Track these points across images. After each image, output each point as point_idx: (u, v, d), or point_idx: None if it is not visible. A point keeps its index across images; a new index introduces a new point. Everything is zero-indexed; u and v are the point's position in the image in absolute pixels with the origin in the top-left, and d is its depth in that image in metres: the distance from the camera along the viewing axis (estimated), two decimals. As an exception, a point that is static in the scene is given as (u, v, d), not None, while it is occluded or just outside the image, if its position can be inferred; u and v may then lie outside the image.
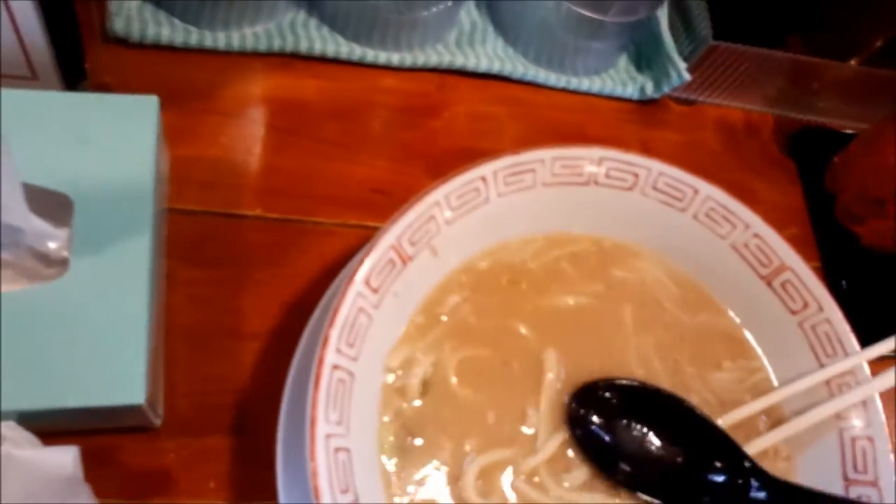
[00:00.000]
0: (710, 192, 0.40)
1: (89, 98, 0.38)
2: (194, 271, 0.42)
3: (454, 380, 0.37)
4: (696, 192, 0.40)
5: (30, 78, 0.41)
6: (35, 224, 0.34)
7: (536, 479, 0.35)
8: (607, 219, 0.41)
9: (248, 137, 0.46)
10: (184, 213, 0.44)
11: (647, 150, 0.53)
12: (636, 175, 0.40)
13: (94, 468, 0.35)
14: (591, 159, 0.40)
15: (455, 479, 0.34)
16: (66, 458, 0.33)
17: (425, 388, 0.36)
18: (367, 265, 0.34)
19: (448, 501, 0.34)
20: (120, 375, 0.34)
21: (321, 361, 0.32)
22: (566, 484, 0.35)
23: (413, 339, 0.37)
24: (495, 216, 0.39)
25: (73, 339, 0.34)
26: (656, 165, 0.40)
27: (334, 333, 0.33)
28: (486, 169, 0.38)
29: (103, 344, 0.34)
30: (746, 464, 0.35)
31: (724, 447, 0.36)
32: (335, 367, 0.32)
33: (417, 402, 0.36)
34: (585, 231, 0.42)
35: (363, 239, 0.44)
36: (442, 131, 0.50)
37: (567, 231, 0.41)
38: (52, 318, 0.34)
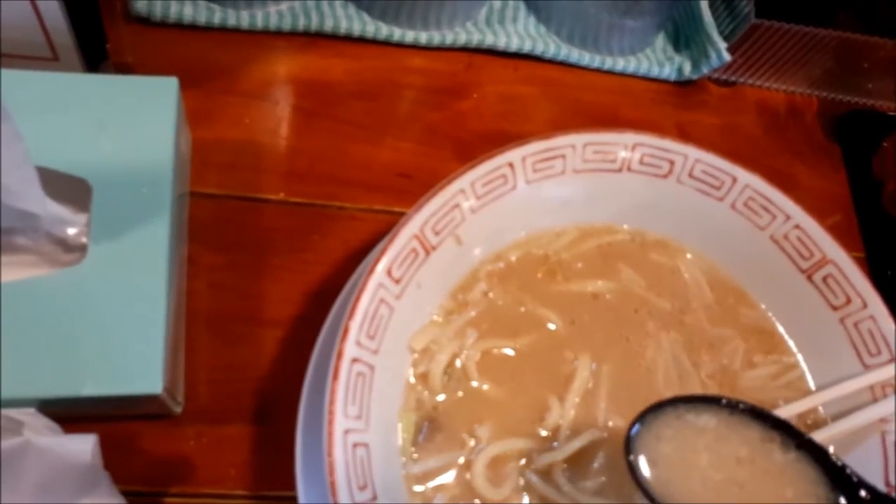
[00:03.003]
0: (750, 181, 0.38)
1: (108, 80, 0.37)
2: (215, 256, 0.42)
3: (476, 371, 0.36)
4: (734, 180, 0.38)
5: (51, 59, 0.40)
6: (53, 210, 0.33)
7: (550, 475, 0.33)
8: (641, 207, 0.40)
9: (271, 119, 0.45)
10: (205, 197, 0.43)
11: (683, 134, 0.51)
12: (672, 162, 0.38)
13: (114, 455, 0.34)
14: (625, 145, 0.38)
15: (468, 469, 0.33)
16: (85, 446, 0.32)
17: (447, 377, 0.35)
18: (389, 255, 0.33)
19: (462, 491, 0.33)
20: (137, 364, 0.33)
21: (340, 355, 0.31)
22: (580, 485, 0.33)
23: (438, 325, 0.36)
24: (523, 204, 0.37)
25: (91, 326, 0.33)
26: (693, 152, 0.38)
27: (354, 325, 0.32)
28: (514, 155, 0.36)
29: (121, 332, 0.33)
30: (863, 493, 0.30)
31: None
32: (355, 360, 0.32)
33: (439, 393, 0.35)
34: (618, 220, 0.40)
35: (387, 224, 0.43)
36: (470, 113, 0.49)
37: (599, 221, 0.40)
38: (69, 305, 0.33)
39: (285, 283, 0.42)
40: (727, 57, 0.50)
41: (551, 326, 0.37)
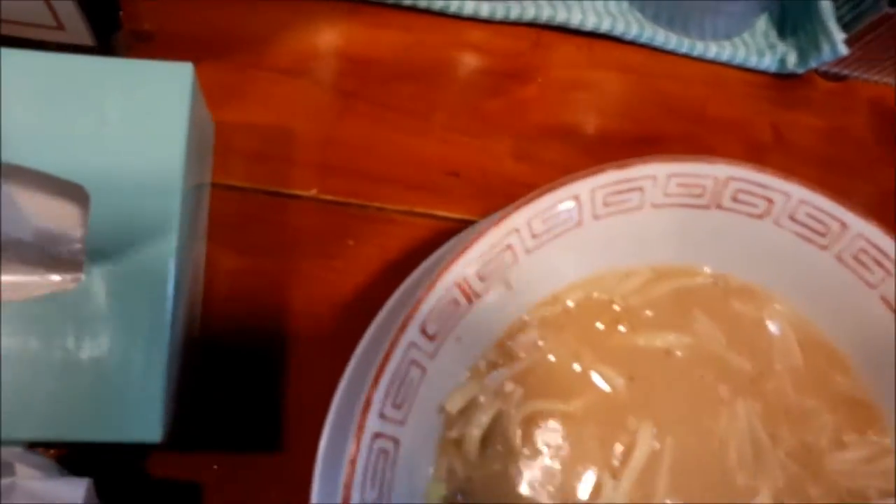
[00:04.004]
0: (864, 230, 0.32)
1: (111, 64, 0.32)
2: (237, 259, 0.37)
3: (519, 437, 0.31)
4: (844, 226, 0.32)
5: (55, 27, 0.35)
6: (43, 228, 0.29)
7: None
8: (728, 250, 0.34)
9: (306, 100, 0.40)
10: (228, 189, 0.38)
11: (779, 136, 0.44)
12: (770, 201, 0.32)
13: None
14: (716, 178, 0.32)
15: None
16: (77, 490, 0.29)
17: (485, 442, 0.31)
18: (424, 309, 0.28)
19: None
20: (135, 408, 0.29)
21: (360, 429, 0.27)
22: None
23: (478, 378, 0.31)
24: (589, 242, 0.32)
25: (84, 361, 0.29)
26: (797, 191, 0.32)
27: (378, 396, 0.27)
28: (582, 187, 0.30)
29: (117, 369, 0.29)
30: None
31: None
32: (377, 434, 0.27)
33: (475, 461, 0.30)
34: (699, 261, 0.34)
35: (431, 230, 0.38)
36: (533, 101, 0.42)
37: (677, 261, 0.34)
38: (60, 336, 0.29)
39: (312, 294, 0.38)
40: (843, 51, 0.42)
41: (610, 387, 0.32)
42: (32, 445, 0.31)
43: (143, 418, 0.29)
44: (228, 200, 0.38)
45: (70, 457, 0.33)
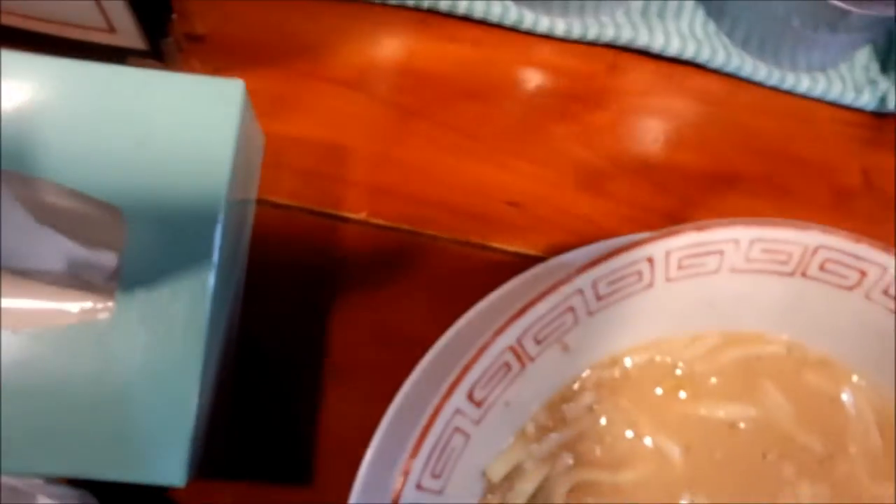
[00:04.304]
0: (968, 314, 0.29)
1: (157, 78, 0.30)
2: (277, 281, 0.35)
3: (565, 505, 0.29)
4: (945, 307, 0.29)
5: (106, 30, 0.33)
6: (77, 253, 0.27)
7: None
8: (807, 319, 0.31)
9: (363, 116, 0.37)
10: (274, 207, 0.36)
11: (869, 182, 0.40)
12: (863, 273, 0.29)
13: None
14: (805, 246, 0.29)
15: None
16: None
17: (528, 510, 0.29)
18: (473, 375, 0.26)
19: None
20: (159, 449, 0.28)
21: (396, 503, 0.25)
22: None
23: (524, 442, 0.29)
24: (657, 304, 0.29)
25: (109, 395, 0.28)
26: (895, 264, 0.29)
27: (417, 466, 0.25)
28: (657, 248, 0.28)
29: (143, 407, 0.28)
30: None
31: None
32: (412, 506, 0.25)
33: (515, 531, 0.28)
34: (774, 329, 0.31)
35: (484, 264, 0.36)
36: (606, 128, 0.39)
37: (750, 327, 0.31)
38: (86, 367, 0.28)
39: (355, 324, 0.36)
40: (954, 95, 0.38)
41: (665, 458, 0.30)
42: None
43: (167, 460, 0.28)
44: (274, 219, 0.36)
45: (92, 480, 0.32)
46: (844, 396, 0.31)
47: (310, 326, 0.35)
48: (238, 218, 0.32)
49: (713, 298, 0.30)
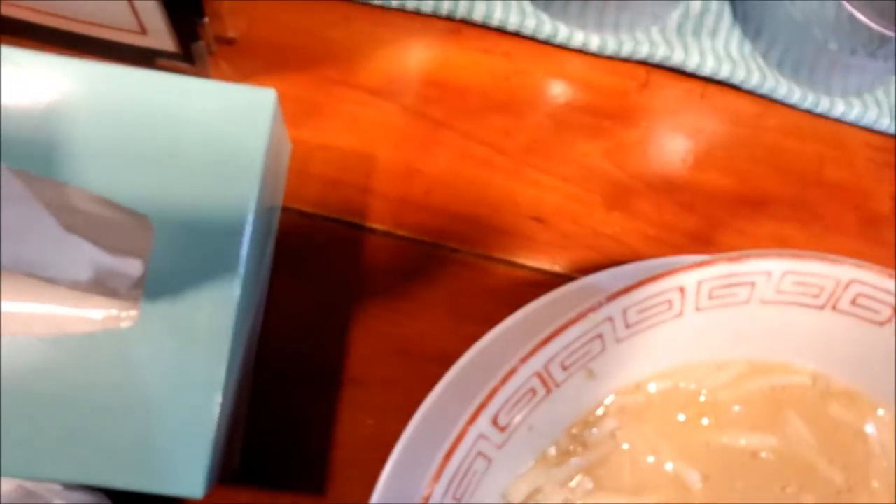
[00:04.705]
0: None
1: (188, 84, 0.30)
2: (299, 291, 0.35)
3: (582, 532, 0.29)
4: (977, 346, 0.28)
5: (138, 32, 0.33)
6: (104, 261, 0.27)
7: None
8: (835, 351, 0.30)
9: (392, 126, 0.37)
10: (298, 216, 0.36)
11: (900, 209, 0.40)
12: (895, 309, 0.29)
13: None
14: (837, 280, 0.28)
15: None
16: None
17: (545, 534, 0.28)
18: (498, 400, 0.26)
19: None
20: (178, 460, 0.27)
21: (416, 525, 0.25)
22: None
23: (545, 465, 0.29)
24: (685, 333, 0.29)
25: (129, 404, 0.28)
26: (929, 302, 0.28)
27: (439, 490, 0.25)
28: (688, 278, 0.27)
29: (164, 417, 0.28)
30: None
31: None
32: (433, 530, 0.25)
33: (531, 555, 0.28)
34: (800, 359, 0.31)
35: (507, 279, 0.36)
36: (635, 147, 0.39)
37: (776, 357, 0.31)
38: (107, 375, 0.28)
39: (374, 336, 0.35)
40: None
41: (685, 485, 0.29)
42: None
43: (186, 471, 0.27)
44: (298, 227, 0.36)
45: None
46: (869, 430, 0.31)
47: (329, 336, 0.35)
48: (264, 226, 0.32)
49: (741, 328, 0.30)
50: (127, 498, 0.31)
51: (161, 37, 0.33)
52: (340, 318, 0.35)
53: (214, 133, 0.29)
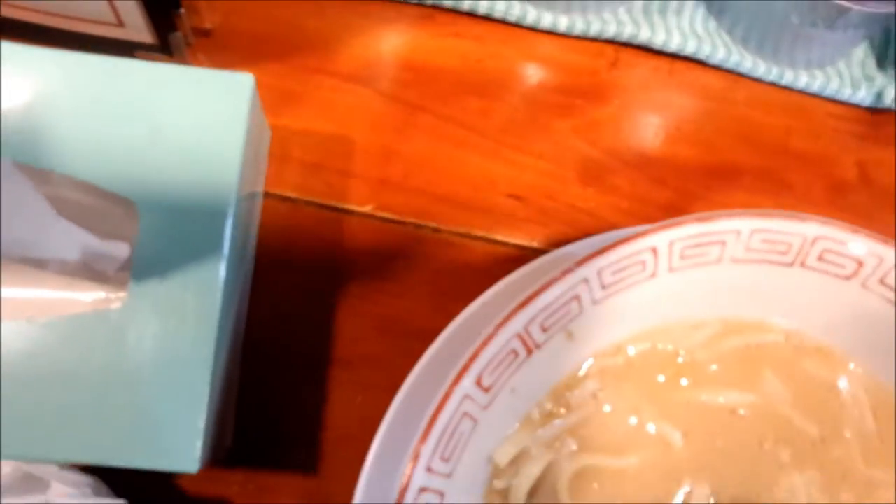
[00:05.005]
0: (962, 302, 0.29)
1: (168, 71, 0.30)
2: (283, 274, 0.36)
3: (567, 489, 0.29)
4: (940, 296, 0.30)
5: (115, 24, 0.33)
6: (92, 244, 0.28)
7: None
8: (806, 308, 0.31)
9: (369, 110, 0.38)
10: (280, 200, 0.37)
11: (865, 176, 0.41)
12: (861, 263, 0.30)
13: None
14: (804, 236, 0.29)
15: None
16: (109, 511, 0.28)
17: (531, 494, 0.29)
18: (481, 361, 0.26)
19: None
20: (173, 436, 0.28)
21: (406, 484, 0.25)
22: None
23: (530, 428, 0.30)
24: (659, 294, 0.30)
25: (122, 383, 0.28)
26: (892, 254, 0.29)
27: (426, 450, 0.26)
28: (660, 239, 0.28)
29: (157, 394, 0.28)
30: None
31: None
32: (423, 489, 0.26)
33: (519, 514, 0.29)
34: (773, 317, 0.32)
35: (487, 256, 0.37)
36: (607, 123, 0.40)
37: (750, 315, 0.32)
38: (98, 355, 0.28)
39: (359, 316, 0.36)
40: (950, 90, 0.39)
41: (667, 443, 0.30)
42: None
43: (181, 447, 0.28)
44: (280, 212, 0.36)
45: (104, 469, 0.32)
46: (841, 383, 0.32)
47: (315, 317, 0.36)
48: (247, 210, 0.33)
49: (715, 288, 0.31)
50: (123, 479, 0.32)
51: (138, 29, 0.34)
52: (325, 300, 0.36)
53: (196, 118, 0.30)
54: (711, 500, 0.30)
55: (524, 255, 0.37)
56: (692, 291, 0.30)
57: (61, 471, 0.29)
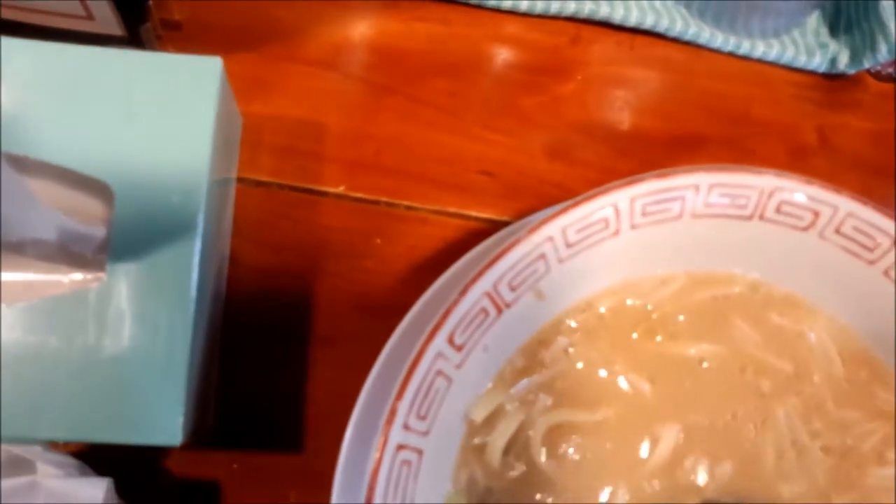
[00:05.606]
0: (916, 246, 0.30)
1: (138, 57, 0.31)
2: (261, 256, 0.37)
3: (543, 446, 0.30)
4: (893, 241, 0.31)
5: (84, 17, 0.34)
6: (68, 226, 0.28)
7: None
8: (769, 260, 0.32)
9: (338, 94, 0.39)
10: (254, 185, 0.37)
11: (824, 139, 0.42)
12: (816, 213, 0.31)
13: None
14: (761, 189, 0.30)
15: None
16: (96, 491, 0.29)
17: (507, 450, 0.30)
18: (452, 319, 0.27)
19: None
20: (155, 411, 0.29)
21: (384, 440, 0.26)
22: None
23: (504, 385, 0.30)
24: (624, 250, 0.31)
25: (102, 361, 0.29)
26: (845, 203, 0.30)
27: (402, 407, 0.26)
28: (621, 196, 0.29)
29: (137, 371, 0.29)
30: None
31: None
32: (400, 446, 0.27)
33: (496, 470, 0.30)
34: (739, 269, 0.33)
35: (461, 231, 0.38)
36: (571, 98, 0.41)
37: (717, 268, 0.33)
38: (78, 335, 0.29)
39: (337, 294, 0.37)
40: (899, 52, 0.40)
41: (638, 393, 0.31)
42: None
43: (163, 421, 0.29)
44: (254, 196, 0.37)
45: (89, 453, 0.33)
46: (808, 332, 0.33)
47: (295, 298, 0.36)
48: (220, 194, 0.33)
49: (679, 243, 0.32)
50: (109, 463, 0.32)
51: (108, 22, 0.34)
52: (304, 281, 0.37)
53: (166, 102, 0.31)
54: (680, 437, 0.31)
55: (496, 229, 0.38)
56: (657, 247, 0.31)
57: (45, 451, 0.29)
